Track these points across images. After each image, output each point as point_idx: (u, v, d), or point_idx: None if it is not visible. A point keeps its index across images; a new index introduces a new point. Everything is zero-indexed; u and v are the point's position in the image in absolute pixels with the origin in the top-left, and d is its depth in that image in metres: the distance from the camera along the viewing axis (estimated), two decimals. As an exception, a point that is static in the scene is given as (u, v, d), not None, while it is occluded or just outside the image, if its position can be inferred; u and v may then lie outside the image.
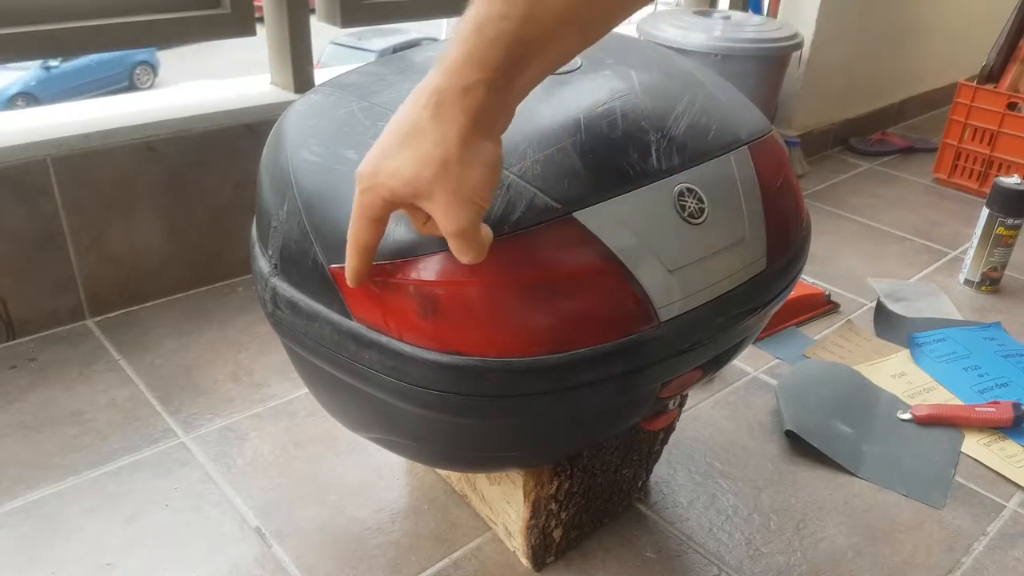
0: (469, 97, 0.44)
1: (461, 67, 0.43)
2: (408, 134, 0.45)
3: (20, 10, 1.05)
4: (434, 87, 0.44)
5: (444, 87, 0.44)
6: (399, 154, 0.46)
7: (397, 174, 0.46)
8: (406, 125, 0.45)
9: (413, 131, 0.45)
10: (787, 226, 0.70)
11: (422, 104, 0.45)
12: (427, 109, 0.44)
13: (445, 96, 0.44)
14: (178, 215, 1.24)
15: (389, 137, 0.47)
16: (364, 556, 0.84)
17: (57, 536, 0.84)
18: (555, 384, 0.58)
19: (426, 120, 0.44)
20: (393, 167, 0.46)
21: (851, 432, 1.05)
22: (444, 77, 0.44)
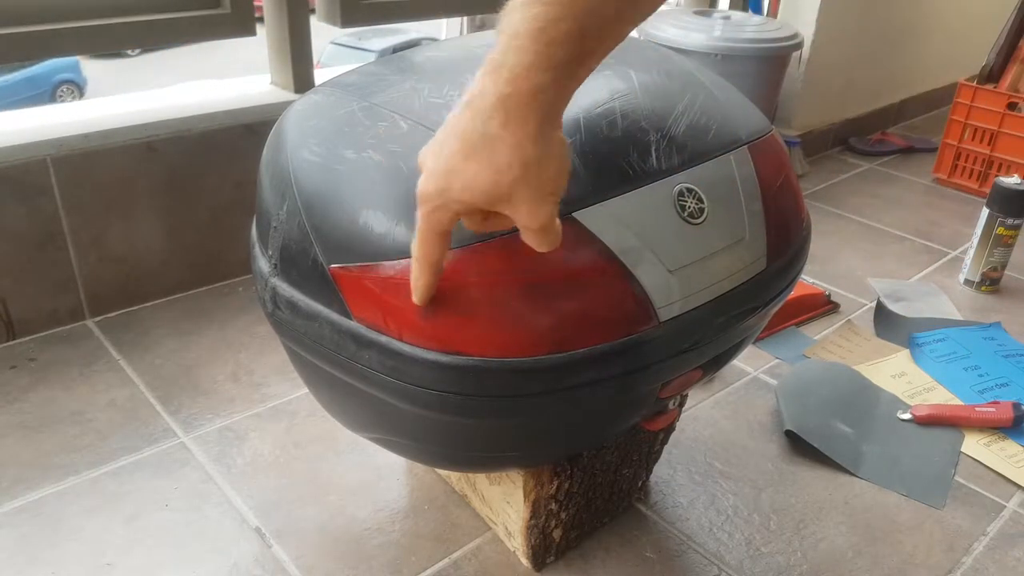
0: (539, 99, 0.44)
1: (528, 72, 0.43)
2: (476, 146, 0.45)
3: (19, 10, 1.05)
4: (499, 95, 0.44)
5: (511, 93, 0.43)
6: (468, 167, 0.45)
7: (472, 187, 0.46)
8: (472, 137, 0.45)
9: (482, 142, 0.45)
10: (787, 226, 0.70)
11: (487, 115, 0.44)
12: (495, 119, 0.44)
13: (513, 102, 0.44)
14: (178, 215, 1.24)
15: (450, 154, 0.46)
16: (364, 556, 0.84)
17: (57, 536, 0.84)
18: (555, 384, 0.58)
19: (496, 129, 0.44)
20: (465, 181, 0.46)
21: (851, 432, 1.05)
22: (510, 84, 0.43)
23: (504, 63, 0.43)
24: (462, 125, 0.45)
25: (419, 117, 0.63)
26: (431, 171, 0.47)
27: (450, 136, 0.46)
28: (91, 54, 4.39)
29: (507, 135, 0.44)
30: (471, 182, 0.45)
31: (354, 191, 0.60)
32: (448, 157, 0.46)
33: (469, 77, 0.66)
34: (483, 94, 0.44)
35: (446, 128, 0.47)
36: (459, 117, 0.46)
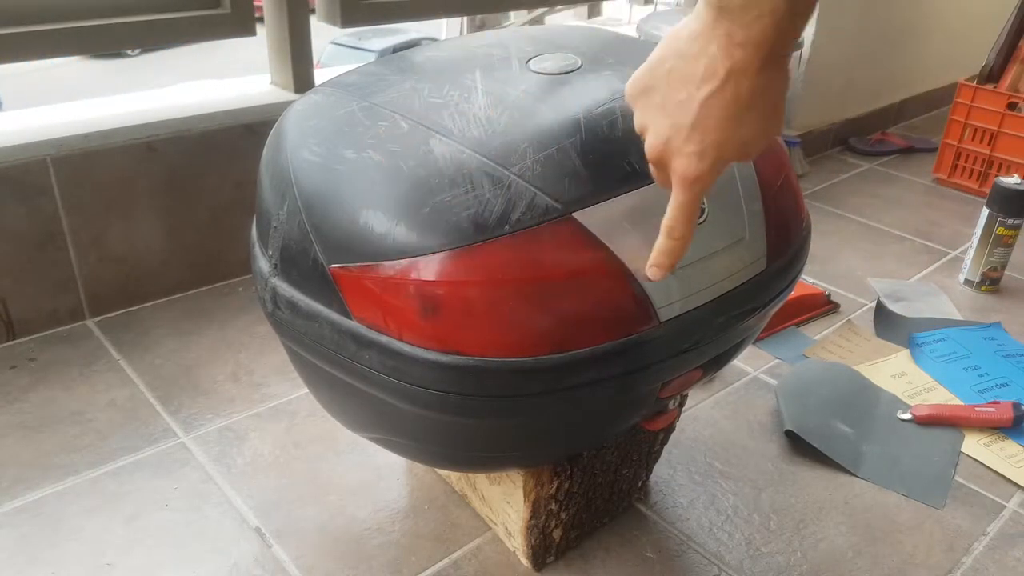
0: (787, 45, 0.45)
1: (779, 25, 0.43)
2: (746, 109, 0.46)
3: (20, 10, 1.05)
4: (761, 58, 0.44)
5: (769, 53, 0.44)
6: (742, 131, 0.46)
7: (750, 145, 0.47)
8: (740, 105, 0.45)
9: (750, 104, 0.45)
10: (787, 226, 0.70)
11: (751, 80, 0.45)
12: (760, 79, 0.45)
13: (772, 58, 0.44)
14: (178, 215, 1.24)
15: (718, 126, 0.46)
16: (364, 556, 0.84)
17: (57, 536, 0.84)
18: (555, 384, 0.58)
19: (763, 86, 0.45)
20: (741, 144, 0.47)
21: (851, 432, 1.05)
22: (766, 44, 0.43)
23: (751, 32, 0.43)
24: (725, 100, 0.45)
25: (419, 117, 0.63)
26: (698, 153, 0.47)
27: (709, 117, 0.46)
28: (91, 54, 4.39)
29: (771, 89, 0.46)
30: (750, 142, 0.47)
31: (354, 191, 0.60)
32: (715, 132, 0.46)
33: (469, 77, 0.67)
34: (743, 66, 0.44)
35: (693, 113, 0.46)
36: (714, 98, 0.45)
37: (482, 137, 0.60)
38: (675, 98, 0.47)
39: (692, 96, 0.46)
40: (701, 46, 0.45)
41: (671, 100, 0.47)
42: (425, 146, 0.60)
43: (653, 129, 0.49)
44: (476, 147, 0.60)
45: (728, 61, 0.44)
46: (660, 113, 0.48)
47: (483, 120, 0.62)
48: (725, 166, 0.49)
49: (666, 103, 0.48)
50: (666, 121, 0.48)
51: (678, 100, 0.47)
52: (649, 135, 0.50)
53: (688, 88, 0.46)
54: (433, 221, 0.57)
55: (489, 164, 0.59)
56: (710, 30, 0.45)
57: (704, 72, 0.45)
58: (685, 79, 0.46)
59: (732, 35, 0.44)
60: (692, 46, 0.46)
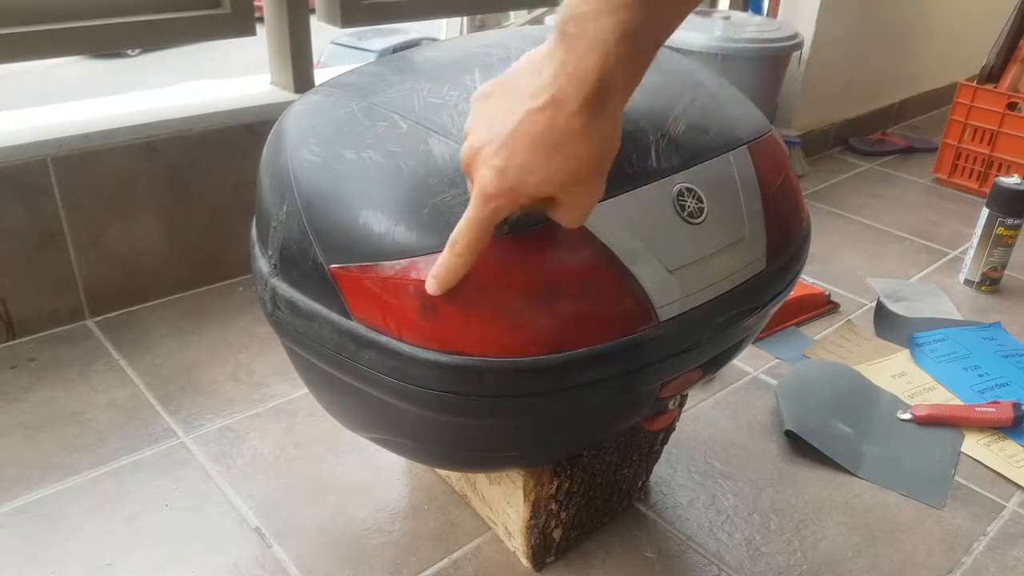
0: (620, 94, 0.45)
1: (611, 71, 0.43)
2: (559, 143, 0.45)
3: (20, 10, 1.05)
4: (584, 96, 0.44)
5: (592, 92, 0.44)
6: (549, 163, 0.46)
7: (552, 180, 0.46)
8: (554, 135, 0.45)
9: (566, 139, 0.45)
10: (787, 226, 0.70)
11: (571, 114, 0.44)
12: (579, 117, 0.44)
13: (596, 99, 0.44)
14: (178, 215, 1.24)
15: (526, 151, 0.46)
16: (364, 556, 0.84)
17: (57, 536, 0.84)
18: (555, 384, 0.58)
19: (580, 125, 0.45)
20: (545, 176, 0.46)
21: (851, 432, 1.05)
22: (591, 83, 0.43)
23: (580, 63, 0.43)
24: (540, 125, 0.45)
25: (419, 117, 0.63)
26: (501, 169, 0.47)
27: (523, 135, 0.46)
28: (91, 54, 4.38)
29: (592, 130, 0.45)
30: (552, 176, 0.46)
31: (354, 191, 0.60)
32: (523, 154, 0.46)
33: (469, 77, 0.67)
34: (564, 96, 0.44)
35: (510, 126, 0.46)
36: (533, 117, 0.45)
37: (482, 137, 0.60)
38: (500, 108, 0.47)
39: (514, 110, 0.46)
40: (540, 63, 0.45)
41: (497, 109, 0.47)
42: (425, 146, 0.60)
43: (474, 133, 0.49)
44: (476, 147, 0.60)
45: (553, 87, 0.44)
46: (485, 119, 0.48)
47: (483, 120, 0.62)
48: (524, 199, 0.48)
49: (492, 111, 0.47)
50: (486, 128, 0.47)
51: (502, 110, 0.47)
52: (469, 138, 0.49)
53: (514, 102, 0.46)
54: (433, 221, 0.57)
55: (489, 164, 0.58)
56: (550, 52, 0.45)
57: (532, 91, 0.45)
58: (515, 93, 0.46)
59: (565, 63, 0.44)
60: (532, 61, 0.46)
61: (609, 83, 0.44)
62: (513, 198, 0.48)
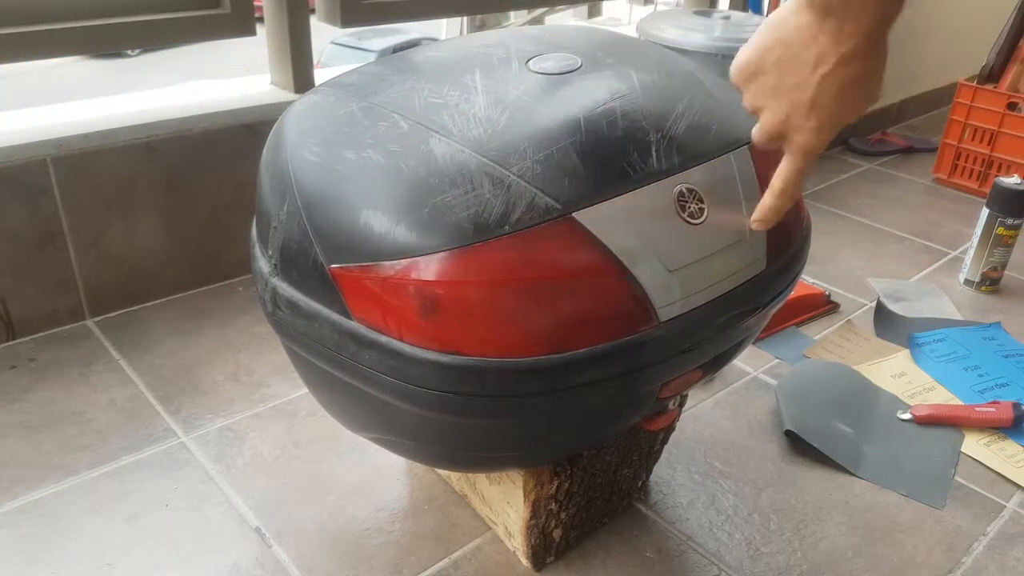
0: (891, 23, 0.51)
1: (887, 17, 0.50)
2: (857, 82, 0.51)
3: (20, 10, 1.05)
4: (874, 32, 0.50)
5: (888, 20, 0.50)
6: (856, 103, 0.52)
7: (855, 113, 0.53)
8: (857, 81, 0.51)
9: (863, 78, 0.51)
10: (787, 226, 0.70)
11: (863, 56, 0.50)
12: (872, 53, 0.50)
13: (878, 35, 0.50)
14: (178, 215, 1.24)
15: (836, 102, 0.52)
16: (364, 556, 0.84)
17: (57, 536, 0.84)
18: (555, 384, 0.58)
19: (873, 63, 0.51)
20: (849, 115, 0.53)
21: (851, 432, 1.05)
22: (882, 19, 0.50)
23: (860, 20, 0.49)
24: (840, 79, 0.51)
25: (419, 117, 0.63)
26: (817, 127, 0.53)
27: (827, 94, 0.52)
28: (91, 54, 4.38)
29: (878, 58, 0.52)
30: (859, 108, 0.53)
31: (354, 191, 0.60)
32: (831, 106, 0.52)
33: (469, 77, 0.67)
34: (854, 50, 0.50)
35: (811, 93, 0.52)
36: (830, 77, 0.51)
37: (482, 137, 0.60)
38: (789, 81, 0.52)
39: (807, 80, 0.51)
40: (810, 36, 0.51)
41: (785, 83, 0.52)
42: (425, 146, 0.60)
43: (771, 109, 0.54)
44: (476, 147, 0.60)
45: (839, 48, 0.50)
46: (775, 95, 0.54)
47: (483, 120, 0.62)
48: (836, 133, 0.54)
49: (780, 86, 0.53)
50: (783, 101, 0.53)
51: (793, 83, 0.52)
52: (766, 114, 0.55)
53: (801, 73, 0.51)
54: (433, 221, 0.57)
55: (489, 164, 0.59)
56: (817, 24, 0.50)
57: (815, 59, 0.51)
58: (797, 65, 0.51)
59: (842, 27, 0.49)
60: (799, 35, 0.51)
61: (885, 19, 0.50)
62: (829, 141, 0.54)
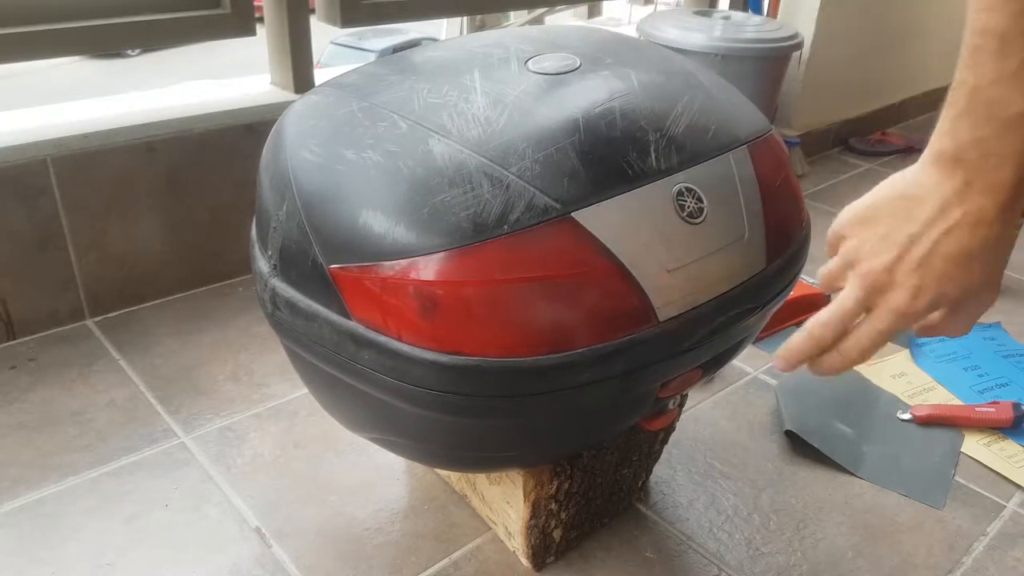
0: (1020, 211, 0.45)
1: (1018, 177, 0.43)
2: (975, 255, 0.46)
3: (20, 10, 1.05)
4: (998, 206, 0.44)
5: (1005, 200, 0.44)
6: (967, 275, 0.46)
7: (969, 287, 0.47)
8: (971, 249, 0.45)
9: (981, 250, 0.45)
10: (787, 226, 0.70)
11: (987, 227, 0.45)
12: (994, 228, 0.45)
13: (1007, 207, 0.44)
14: (178, 215, 1.24)
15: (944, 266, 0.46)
16: (364, 556, 0.84)
17: (57, 536, 0.84)
18: (555, 384, 0.58)
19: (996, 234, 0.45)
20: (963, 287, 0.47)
21: (851, 432, 1.05)
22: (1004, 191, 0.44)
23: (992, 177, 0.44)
24: (957, 241, 0.45)
25: (418, 117, 0.63)
26: (917, 288, 0.47)
27: (939, 254, 0.46)
28: (91, 54, 4.38)
29: (1000, 244, 0.46)
30: (970, 284, 0.47)
31: (354, 191, 0.60)
32: (941, 270, 0.46)
33: (469, 77, 0.67)
34: (980, 210, 0.45)
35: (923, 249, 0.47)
36: (947, 236, 0.46)
37: (481, 137, 0.60)
38: (905, 231, 0.47)
39: (925, 233, 0.46)
40: (931, 188, 0.46)
41: (900, 232, 0.47)
42: (424, 146, 0.60)
43: (876, 256, 0.48)
44: (475, 147, 0.60)
45: (964, 205, 0.44)
46: (884, 242, 0.48)
47: (482, 120, 0.62)
48: (933, 310, 0.48)
49: (892, 234, 0.48)
50: (893, 250, 0.47)
51: (908, 233, 0.47)
52: (869, 261, 0.49)
53: (919, 224, 0.46)
54: (432, 221, 0.57)
55: (488, 164, 0.59)
56: (945, 178, 0.45)
57: (937, 213, 0.46)
58: (915, 217, 0.47)
59: (971, 183, 0.44)
60: (919, 189, 0.46)
61: (1021, 187, 0.44)
62: (924, 313, 0.48)
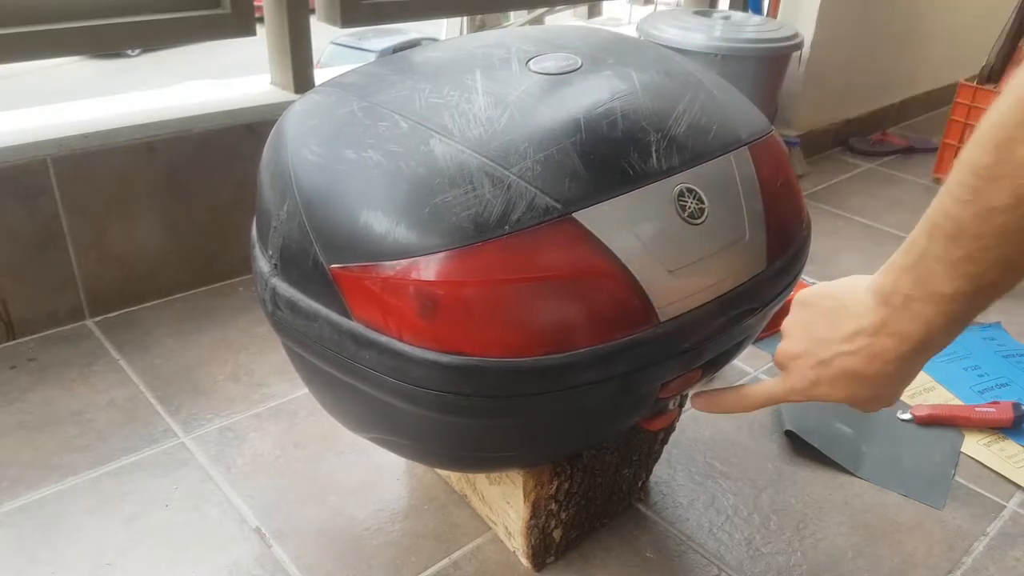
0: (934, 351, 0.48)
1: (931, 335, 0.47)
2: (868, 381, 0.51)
3: (20, 10, 1.05)
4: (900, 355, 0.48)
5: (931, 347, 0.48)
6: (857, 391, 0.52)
7: (855, 401, 0.53)
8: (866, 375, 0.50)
9: (875, 379, 0.50)
10: (787, 226, 0.70)
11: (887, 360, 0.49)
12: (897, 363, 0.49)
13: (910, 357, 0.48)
14: (178, 215, 1.24)
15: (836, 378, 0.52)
16: (364, 556, 0.84)
17: (57, 536, 0.84)
18: (555, 384, 0.58)
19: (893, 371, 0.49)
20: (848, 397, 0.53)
21: (851, 432, 1.05)
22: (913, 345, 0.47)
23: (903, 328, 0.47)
24: (854, 366, 0.51)
25: (419, 117, 0.63)
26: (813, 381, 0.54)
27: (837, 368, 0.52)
28: (91, 54, 4.38)
29: (903, 375, 0.50)
30: (856, 398, 0.53)
31: (354, 191, 0.60)
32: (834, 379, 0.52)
33: (469, 77, 0.67)
34: (883, 349, 0.49)
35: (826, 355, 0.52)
36: (848, 359, 0.51)
37: (482, 137, 0.60)
38: (821, 333, 0.52)
39: (832, 344, 0.51)
40: (859, 312, 0.50)
41: (819, 333, 0.52)
42: (425, 146, 0.60)
43: (796, 341, 0.54)
44: (476, 147, 0.60)
45: (872, 339, 0.49)
46: (806, 334, 0.54)
47: (483, 120, 0.62)
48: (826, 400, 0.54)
49: (814, 332, 0.53)
50: (807, 343, 0.53)
51: (823, 337, 0.52)
52: (790, 342, 0.55)
53: (834, 334, 0.51)
54: (433, 221, 0.57)
55: (489, 164, 0.59)
56: (871, 309, 0.49)
57: (849, 335, 0.50)
58: (836, 327, 0.51)
59: (887, 323, 0.48)
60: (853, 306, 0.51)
61: (929, 345, 0.48)
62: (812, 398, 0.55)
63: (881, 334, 0.48)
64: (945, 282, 0.44)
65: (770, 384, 0.58)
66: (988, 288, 0.44)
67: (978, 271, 0.43)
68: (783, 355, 0.56)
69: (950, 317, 0.46)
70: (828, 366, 0.52)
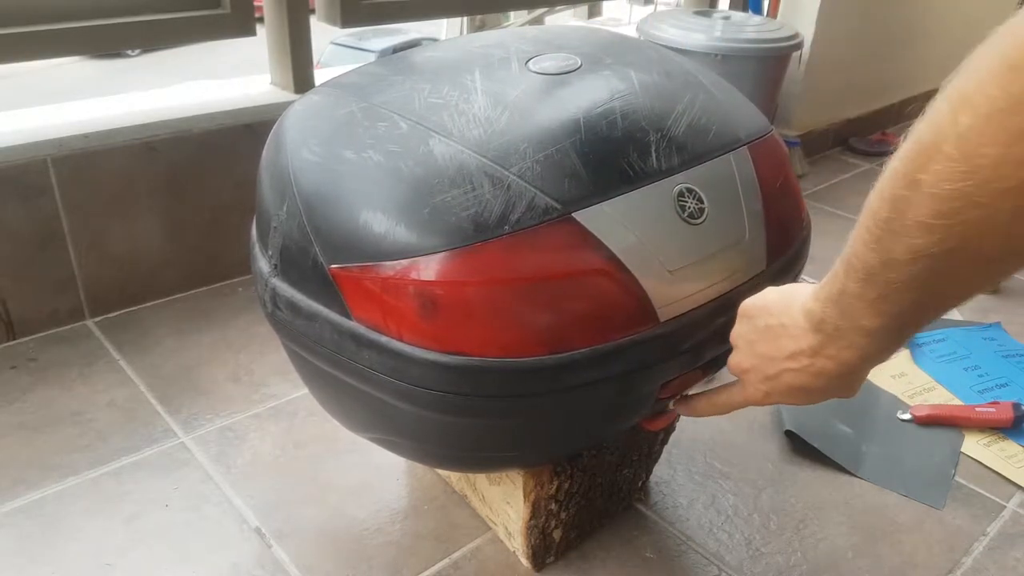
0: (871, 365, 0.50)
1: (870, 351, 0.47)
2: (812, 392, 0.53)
3: (20, 10, 1.05)
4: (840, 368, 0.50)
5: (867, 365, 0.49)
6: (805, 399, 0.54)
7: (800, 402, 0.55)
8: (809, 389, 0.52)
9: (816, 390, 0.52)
10: (787, 226, 0.70)
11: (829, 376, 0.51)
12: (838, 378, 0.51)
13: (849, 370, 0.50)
14: (178, 215, 1.24)
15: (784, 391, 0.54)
16: (364, 556, 0.84)
17: (57, 536, 0.84)
18: (555, 384, 0.58)
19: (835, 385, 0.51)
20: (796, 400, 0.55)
21: (851, 432, 1.05)
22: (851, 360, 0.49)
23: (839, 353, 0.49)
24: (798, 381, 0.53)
25: (419, 117, 0.63)
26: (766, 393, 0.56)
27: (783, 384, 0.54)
28: (91, 54, 4.38)
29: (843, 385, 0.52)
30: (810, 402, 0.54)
31: (354, 191, 0.60)
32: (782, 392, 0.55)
33: (469, 77, 0.67)
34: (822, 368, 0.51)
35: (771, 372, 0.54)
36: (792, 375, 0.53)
37: (482, 137, 0.60)
38: (765, 351, 0.54)
39: (776, 361, 0.54)
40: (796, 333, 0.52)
41: (762, 350, 0.55)
42: (425, 146, 0.60)
43: (745, 356, 0.57)
44: (476, 147, 0.60)
45: (813, 359, 0.51)
46: (751, 350, 0.56)
47: (483, 120, 0.62)
48: (775, 401, 0.57)
49: (757, 348, 0.55)
50: (754, 359, 0.56)
51: (767, 354, 0.54)
52: (739, 355, 0.57)
53: (777, 352, 0.53)
54: (433, 221, 0.57)
55: (489, 164, 0.59)
56: (807, 332, 0.51)
57: (789, 354, 0.52)
58: (778, 345, 0.53)
59: (824, 346, 0.50)
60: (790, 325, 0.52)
61: (870, 361, 0.49)
62: (778, 399, 0.56)
63: (820, 356, 0.50)
64: (867, 317, 0.45)
65: (732, 391, 0.60)
66: (911, 323, 0.45)
67: (895, 310, 0.44)
68: (734, 368, 0.58)
69: (882, 345, 0.47)
70: (777, 380, 0.54)
